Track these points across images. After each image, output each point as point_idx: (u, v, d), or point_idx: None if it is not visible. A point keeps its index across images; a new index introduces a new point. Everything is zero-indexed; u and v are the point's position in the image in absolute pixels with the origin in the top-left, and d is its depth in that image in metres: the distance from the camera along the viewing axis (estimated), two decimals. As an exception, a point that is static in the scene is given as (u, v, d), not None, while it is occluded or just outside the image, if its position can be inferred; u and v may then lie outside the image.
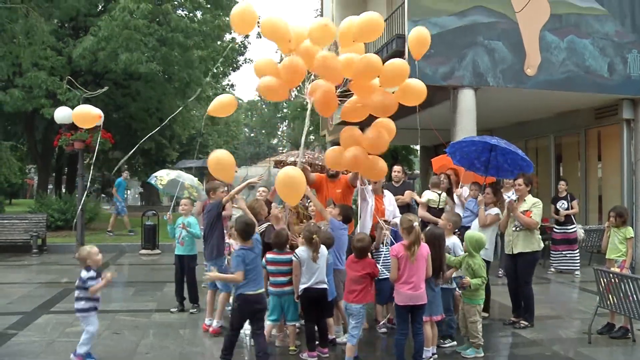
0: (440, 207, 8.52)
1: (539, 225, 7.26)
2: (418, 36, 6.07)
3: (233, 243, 6.43)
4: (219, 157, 5.69)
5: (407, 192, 8.78)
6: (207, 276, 5.43)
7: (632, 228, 7.44)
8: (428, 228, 6.14)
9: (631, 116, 12.74)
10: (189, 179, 10.86)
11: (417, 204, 8.87)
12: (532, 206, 7.20)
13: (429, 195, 8.62)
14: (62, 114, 13.19)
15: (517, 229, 7.22)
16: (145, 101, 22.11)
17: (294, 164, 10.05)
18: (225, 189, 7.41)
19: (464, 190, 8.49)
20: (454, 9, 11.50)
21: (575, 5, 12.09)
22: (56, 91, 17.31)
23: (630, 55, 12.35)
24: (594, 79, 12.19)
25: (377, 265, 5.85)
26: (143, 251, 14.57)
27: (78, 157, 14.09)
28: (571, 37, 12.10)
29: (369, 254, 5.83)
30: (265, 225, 6.42)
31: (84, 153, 14.08)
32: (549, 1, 11.90)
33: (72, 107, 14.29)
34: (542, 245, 7.38)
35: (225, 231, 7.14)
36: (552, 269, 11.68)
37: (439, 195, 8.61)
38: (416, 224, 5.34)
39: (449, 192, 8.82)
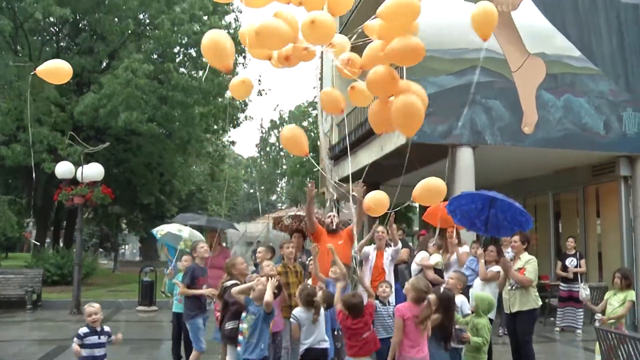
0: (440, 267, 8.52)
1: (535, 283, 7.20)
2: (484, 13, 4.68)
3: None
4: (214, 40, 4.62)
5: (404, 250, 8.76)
6: None
7: (634, 285, 7.39)
8: (437, 289, 6.00)
9: (628, 173, 12.81)
10: (189, 233, 10.80)
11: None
12: (526, 263, 7.17)
13: (436, 258, 8.60)
14: (63, 169, 13.29)
15: (513, 287, 7.17)
16: (146, 156, 22.31)
17: (296, 220, 10.06)
18: (205, 246, 7.39)
19: (464, 248, 8.48)
20: (452, 68, 11.71)
21: (570, 65, 12.32)
22: (57, 146, 17.46)
23: (625, 113, 12.51)
24: (591, 136, 12.32)
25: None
26: (140, 307, 14.39)
27: (77, 211, 14.08)
28: (567, 96, 12.28)
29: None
30: (231, 282, 6.12)
31: (83, 208, 14.09)
32: (544, 61, 12.13)
33: (73, 163, 14.50)
34: (539, 302, 7.30)
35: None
36: (557, 328, 11.52)
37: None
38: (432, 296, 5.23)
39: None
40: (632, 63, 12.70)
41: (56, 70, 5.39)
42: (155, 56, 21.34)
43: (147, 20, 22.26)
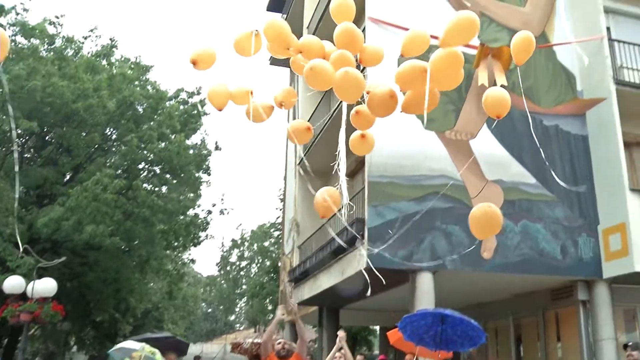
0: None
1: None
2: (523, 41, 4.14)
3: None
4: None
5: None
6: None
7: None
8: None
9: (586, 297, 12.91)
10: (140, 347, 10.24)
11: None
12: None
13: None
14: (12, 284, 12.77)
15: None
16: (103, 271, 21.69)
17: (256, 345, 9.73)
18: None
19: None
20: (413, 194, 11.95)
21: (526, 192, 12.71)
22: (7, 258, 16.91)
23: (581, 238, 12.81)
24: (548, 261, 12.50)
25: None
26: None
27: (22, 328, 13.39)
28: (524, 222, 12.57)
29: None
30: None
31: (29, 325, 13.41)
32: (502, 187, 12.49)
33: (23, 275, 13.94)
34: None
35: None
36: None
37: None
38: None
39: None
40: (585, 190, 13.17)
41: None
42: (120, 171, 21.37)
43: (114, 136, 22.50)
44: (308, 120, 17.60)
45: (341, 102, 14.33)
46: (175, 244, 25.07)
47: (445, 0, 13.06)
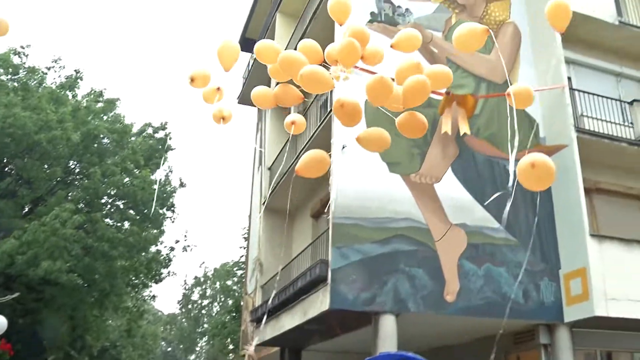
0: None
1: None
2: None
3: None
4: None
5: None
6: None
7: None
8: None
9: (548, 341, 12.92)
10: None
11: None
12: None
13: None
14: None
15: None
16: (59, 308, 21.06)
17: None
18: None
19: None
20: (377, 236, 11.93)
21: (490, 236, 12.78)
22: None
23: (543, 282, 12.89)
24: (511, 305, 12.52)
25: None
26: None
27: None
28: (487, 265, 12.61)
29: None
30: None
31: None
32: (465, 231, 12.56)
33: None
34: None
35: None
36: None
37: None
38: None
39: None
40: (546, 235, 13.31)
41: None
42: (82, 205, 20.98)
43: (77, 169, 22.15)
44: (273, 163, 17.65)
45: (306, 144, 14.31)
46: (136, 280, 24.59)
47: (414, 46, 13.28)
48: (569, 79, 14.22)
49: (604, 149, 13.41)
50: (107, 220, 21.56)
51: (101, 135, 20.97)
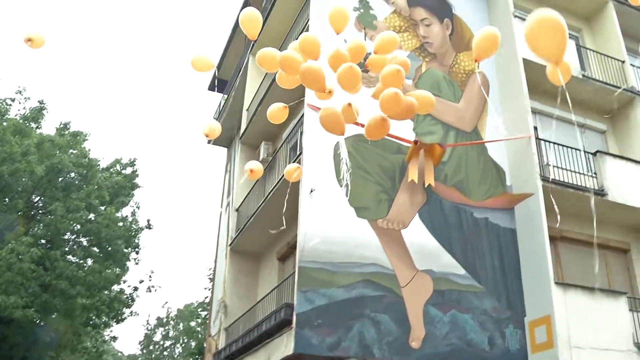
0: None
1: None
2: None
3: None
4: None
5: None
6: None
7: None
8: None
9: (514, 391, 12.85)
10: None
11: None
12: None
13: None
14: None
15: None
16: (11, 348, 20.25)
17: None
18: None
19: None
20: (343, 281, 11.82)
21: (456, 283, 12.78)
22: None
23: (508, 330, 12.87)
24: (476, 352, 12.44)
25: None
26: None
27: None
28: (453, 312, 12.56)
29: None
30: None
31: None
32: (432, 277, 12.54)
33: None
34: None
35: None
36: None
37: None
38: None
39: None
40: (512, 282, 13.36)
41: None
42: (43, 241, 20.48)
43: (40, 204, 21.68)
44: (240, 205, 17.50)
45: (274, 187, 14.22)
46: (97, 320, 23.90)
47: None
48: (535, 128, 14.52)
49: (569, 198, 13.62)
50: (69, 257, 21.04)
51: (66, 170, 20.59)
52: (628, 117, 16.01)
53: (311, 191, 11.63)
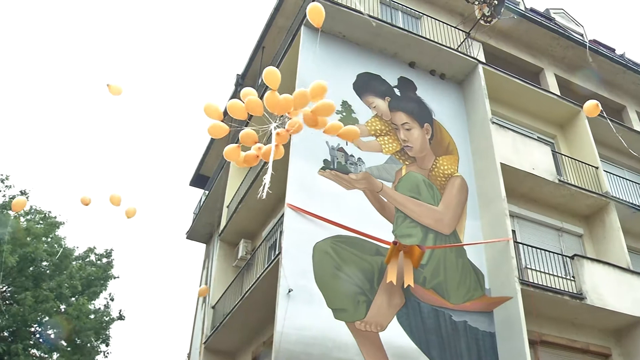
0: None
1: None
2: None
3: None
4: None
5: None
6: None
7: None
8: None
9: None
10: None
11: None
12: None
13: None
14: None
15: None
16: None
17: None
18: None
19: None
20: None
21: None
22: None
23: None
24: None
25: None
26: None
27: None
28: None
29: None
30: None
31: None
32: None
33: None
34: None
35: None
36: None
37: None
38: None
39: None
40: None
41: None
42: (6, 333, 19.72)
43: (8, 294, 21.03)
44: (217, 302, 17.08)
45: (252, 285, 13.98)
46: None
47: (362, 193, 13.59)
48: (513, 232, 14.65)
49: (548, 302, 13.56)
50: (33, 350, 20.19)
51: (39, 259, 20.15)
52: (604, 222, 16.27)
53: (289, 291, 11.45)
